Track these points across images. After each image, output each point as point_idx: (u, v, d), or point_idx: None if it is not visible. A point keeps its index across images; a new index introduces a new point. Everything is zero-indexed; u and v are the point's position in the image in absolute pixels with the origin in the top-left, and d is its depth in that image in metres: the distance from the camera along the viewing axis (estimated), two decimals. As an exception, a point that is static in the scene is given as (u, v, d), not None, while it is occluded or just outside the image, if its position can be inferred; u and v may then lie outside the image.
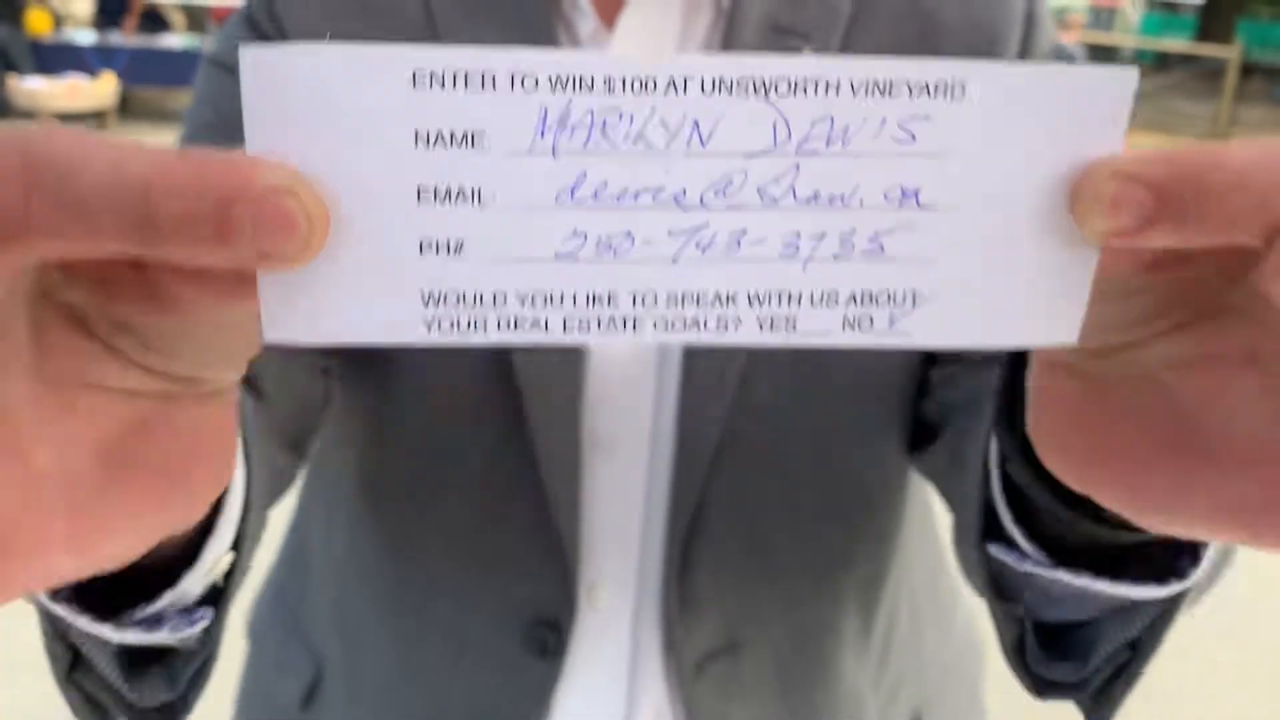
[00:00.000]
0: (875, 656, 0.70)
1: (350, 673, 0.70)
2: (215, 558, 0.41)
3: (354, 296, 0.27)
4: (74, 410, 0.25)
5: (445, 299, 0.27)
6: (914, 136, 0.28)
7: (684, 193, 0.27)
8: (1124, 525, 0.34)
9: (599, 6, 0.61)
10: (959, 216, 0.29)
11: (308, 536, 0.77)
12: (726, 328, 0.29)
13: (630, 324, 0.28)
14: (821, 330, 0.29)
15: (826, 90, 0.27)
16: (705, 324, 0.28)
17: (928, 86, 0.27)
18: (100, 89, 9.34)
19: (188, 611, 0.41)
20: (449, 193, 0.27)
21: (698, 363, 0.58)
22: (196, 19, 14.53)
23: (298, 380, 0.61)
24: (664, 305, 0.28)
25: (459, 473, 0.63)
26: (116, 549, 0.27)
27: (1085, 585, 0.42)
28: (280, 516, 0.66)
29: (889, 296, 0.29)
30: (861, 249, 0.28)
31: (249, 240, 0.22)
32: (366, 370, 0.63)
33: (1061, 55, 0.66)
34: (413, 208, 0.27)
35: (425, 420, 0.62)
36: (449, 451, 0.62)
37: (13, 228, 0.21)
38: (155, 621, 0.40)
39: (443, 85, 0.26)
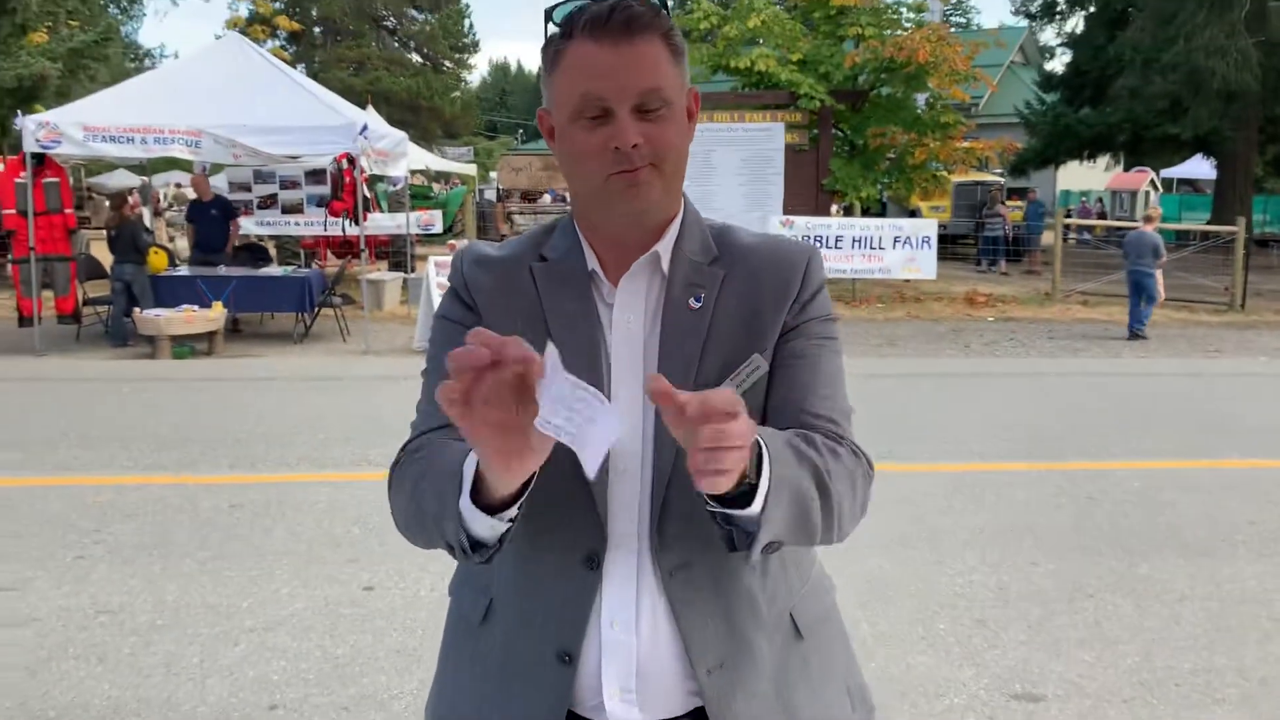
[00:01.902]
0: (760, 576, 1.35)
1: (501, 601, 1.39)
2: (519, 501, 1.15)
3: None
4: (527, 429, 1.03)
5: None
6: None
7: None
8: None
9: (610, 279, 1.33)
10: None
11: None
12: None
13: None
14: None
15: None
16: None
17: None
18: (210, 315, 10.62)
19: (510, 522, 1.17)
20: None
21: (662, 428, 1.41)
22: (288, 249, 16.25)
23: None
24: None
25: (550, 497, 1.23)
26: (524, 474, 1.08)
27: (729, 512, 1.14)
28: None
29: None
30: None
31: None
32: None
33: (821, 291, 1.52)
34: None
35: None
36: (548, 483, 1.18)
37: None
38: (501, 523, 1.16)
39: None
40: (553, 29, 1.26)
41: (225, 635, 3.94)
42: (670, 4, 1.32)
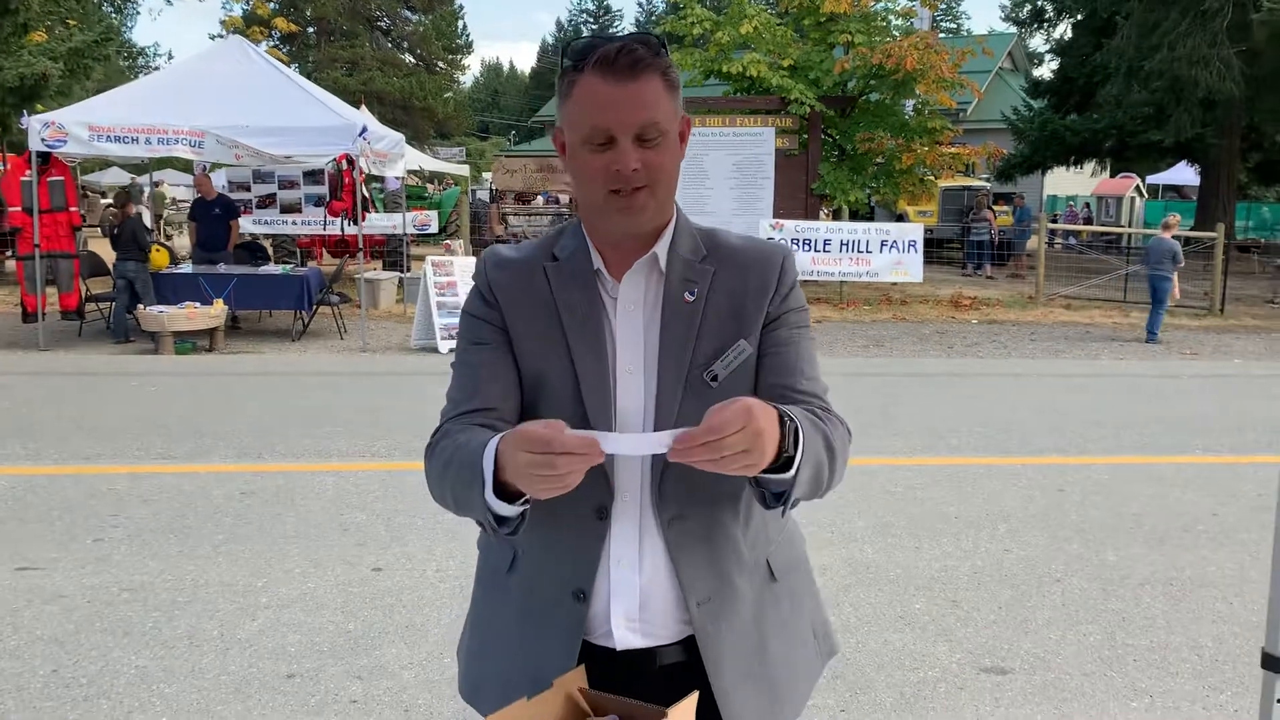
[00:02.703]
0: (742, 528, 1.59)
1: (524, 551, 1.61)
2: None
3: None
4: None
5: None
6: None
7: None
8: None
9: (612, 275, 1.54)
10: None
11: None
12: None
13: None
14: None
15: None
16: None
17: None
18: (212, 312, 10.84)
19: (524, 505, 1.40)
20: None
21: (663, 398, 1.60)
22: (284, 248, 16.46)
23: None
24: None
25: None
26: None
27: (767, 477, 1.38)
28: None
29: None
30: None
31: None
32: (524, 404, 1.56)
33: (796, 285, 1.77)
34: None
35: None
36: None
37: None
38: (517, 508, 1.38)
39: None
40: (567, 62, 1.48)
41: (243, 611, 4.19)
42: (667, 44, 1.57)
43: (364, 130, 10.81)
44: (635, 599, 1.56)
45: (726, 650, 1.58)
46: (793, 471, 1.36)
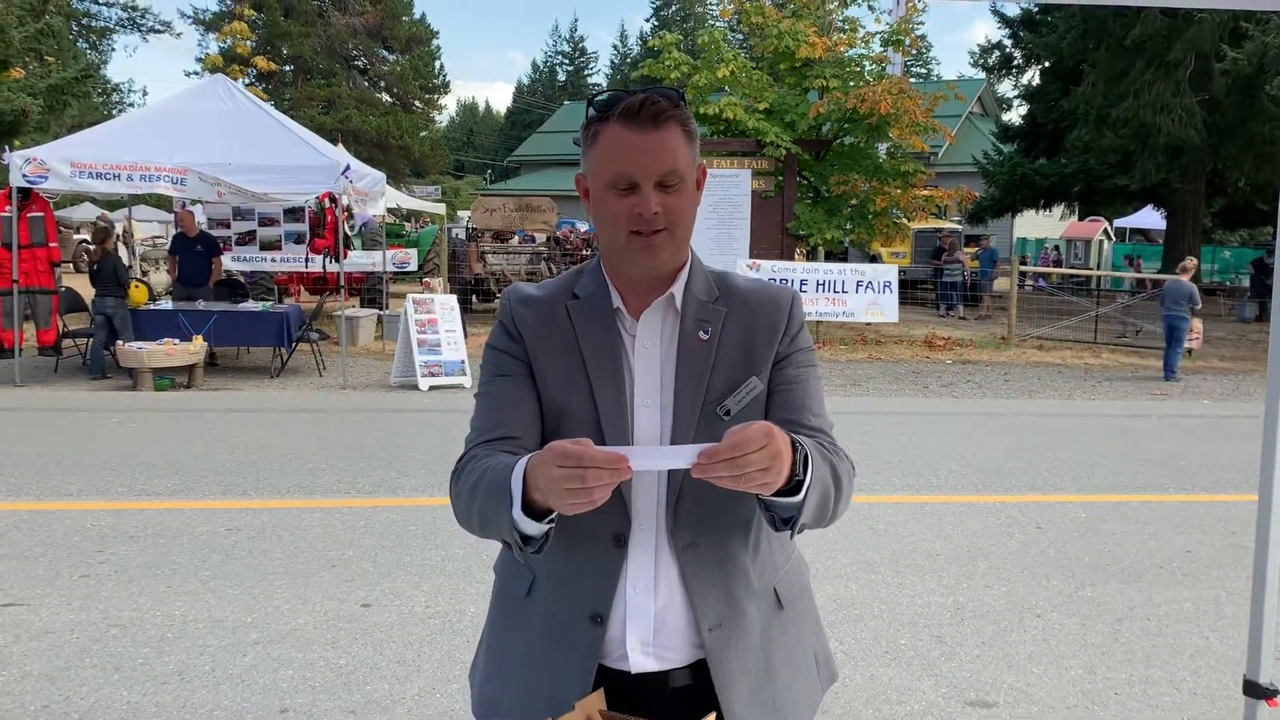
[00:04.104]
0: (752, 556, 1.67)
1: (543, 576, 1.67)
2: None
3: None
4: None
5: None
6: None
7: None
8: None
9: (630, 313, 1.63)
10: None
11: None
12: None
13: None
14: None
15: None
16: None
17: None
18: (191, 349, 10.82)
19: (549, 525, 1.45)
20: None
21: (679, 433, 1.73)
22: (262, 284, 16.45)
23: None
24: None
25: None
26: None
27: (775, 500, 1.44)
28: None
29: None
30: None
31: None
32: (544, 434, 1.70)
33: (803, 326, 1.86)
34: None
35: None
36: None
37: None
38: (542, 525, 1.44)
39: None
40: (592, 113, 1.57)
41: (233, 647, 4.19)
42: (687, 97, 1.66)
43: (347, 169, 10.89)
44: (650, 623, 1.62)
45: (737, 674, 1.65)
46: (801, 495, 1.43)
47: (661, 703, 1.62)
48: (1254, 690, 2.18)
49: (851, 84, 17.29)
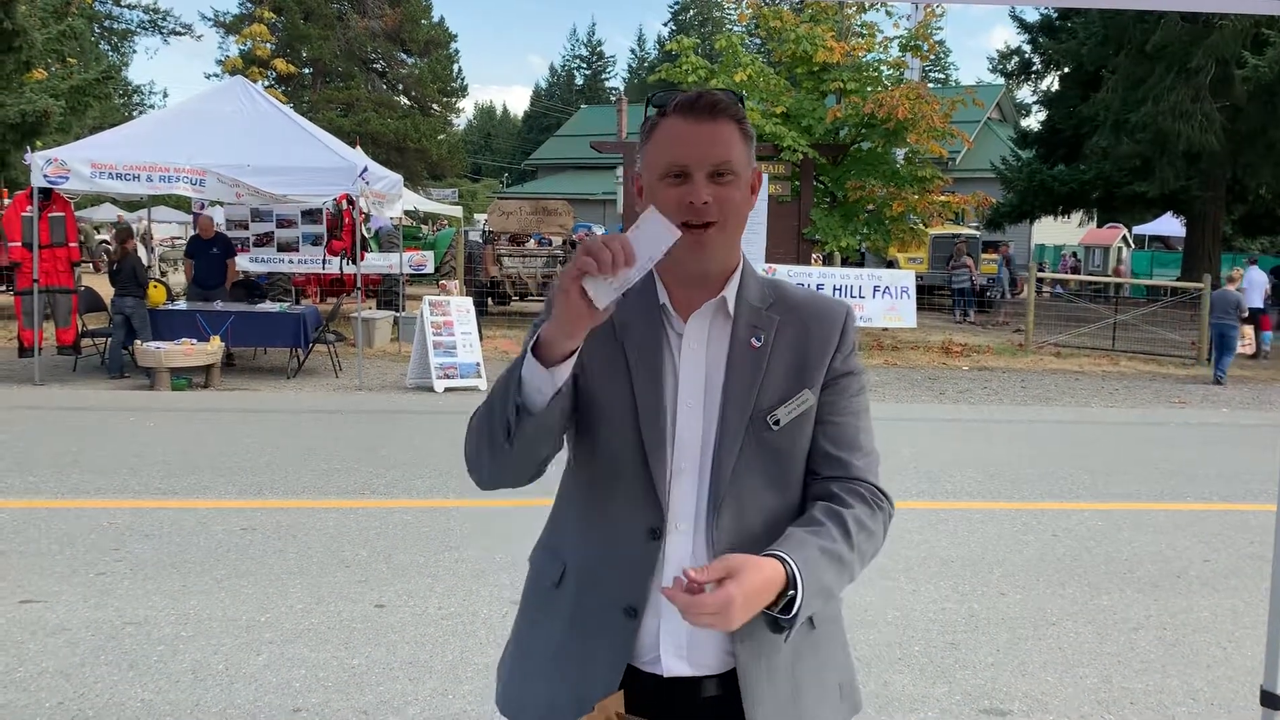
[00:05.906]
0: None
1: (574, 565, 1.66)
2: (564, 377, 1.48)
3: None
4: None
5: None
6: None
7: None
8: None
9: (678, 313, 1.60)
10: None
11: (558, 509, 1.75)
12: None
13: None
14: None
15: None
16: None
17: None
18: (209, 349, 10.87)
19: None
20: None
21: (723, 438, 1.72)
22: (279, 285, 16.53)
23: (566, 405, 1.64)
24: None
25: (619, 481, 1.61)
26: (579, 338, 1.43)
27: (770, 614, 1.45)
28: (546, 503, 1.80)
29: None
30: None
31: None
32: (579, 425, 1.76)
33: (855, 344, 1.83)
34: None
35: (605, 454, 1.63)
36: (618, 469, 1.60)
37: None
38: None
39: None
40: (651, 110, 1.59)
41: (247, 645, 4.21)
42: (745, 99, 1.66)
43: (365, 170, 10.93)
44: (684, 625, 1.58)
45: (765, 689, 1.63)
46: (793, 612, 1.45)
47: (689, 712, 1.60)
48: (1271, 701, 2.15)
49: (869, 89, 17.28)
